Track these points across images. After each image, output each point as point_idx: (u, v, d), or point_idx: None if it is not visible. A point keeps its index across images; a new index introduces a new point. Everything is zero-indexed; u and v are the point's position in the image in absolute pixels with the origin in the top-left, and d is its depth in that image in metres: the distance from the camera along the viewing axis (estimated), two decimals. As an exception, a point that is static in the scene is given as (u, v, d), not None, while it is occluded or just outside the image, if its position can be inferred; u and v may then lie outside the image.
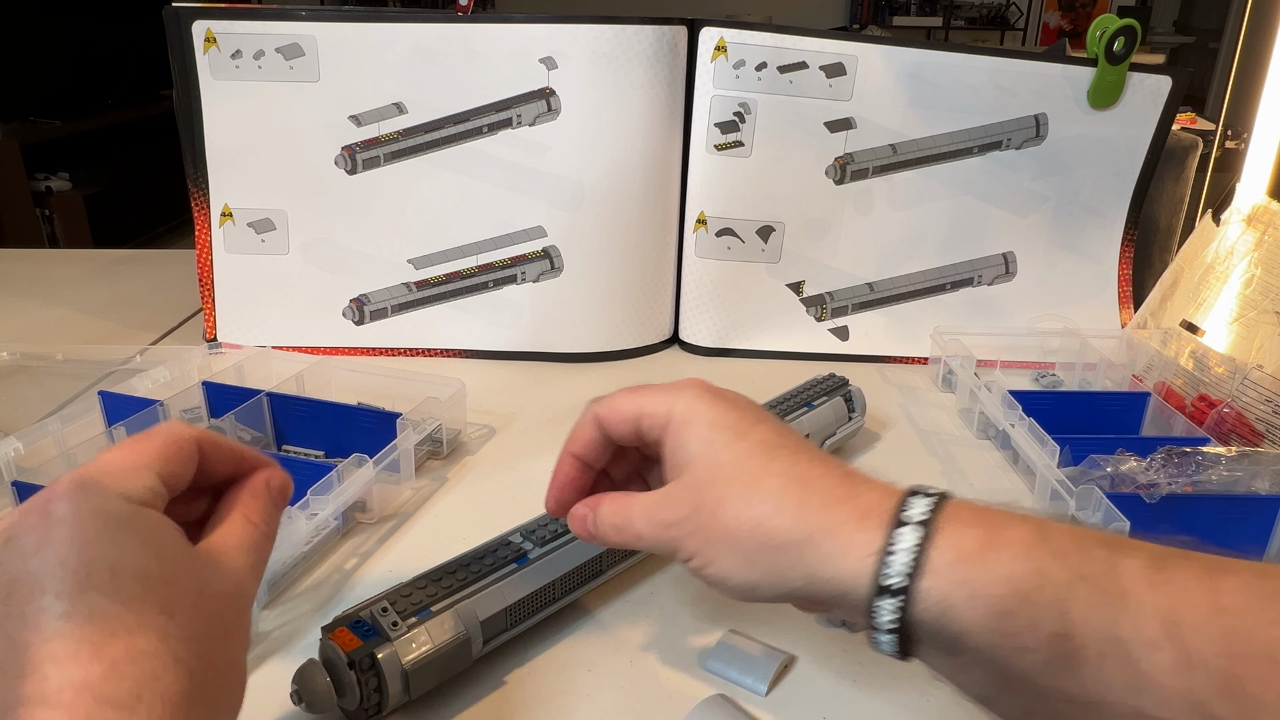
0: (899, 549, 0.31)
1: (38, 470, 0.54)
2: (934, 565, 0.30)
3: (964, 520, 0.31)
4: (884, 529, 0.31)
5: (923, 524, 0.31)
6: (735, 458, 0.35)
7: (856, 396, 0.65)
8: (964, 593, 0.30)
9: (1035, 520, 0.31)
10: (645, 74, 0.76)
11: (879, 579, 0.31)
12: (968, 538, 0.31)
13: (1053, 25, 5.37)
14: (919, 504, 0.32)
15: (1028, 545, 0.30)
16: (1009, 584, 0.29)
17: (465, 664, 0.42)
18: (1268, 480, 0.54)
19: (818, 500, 0.33)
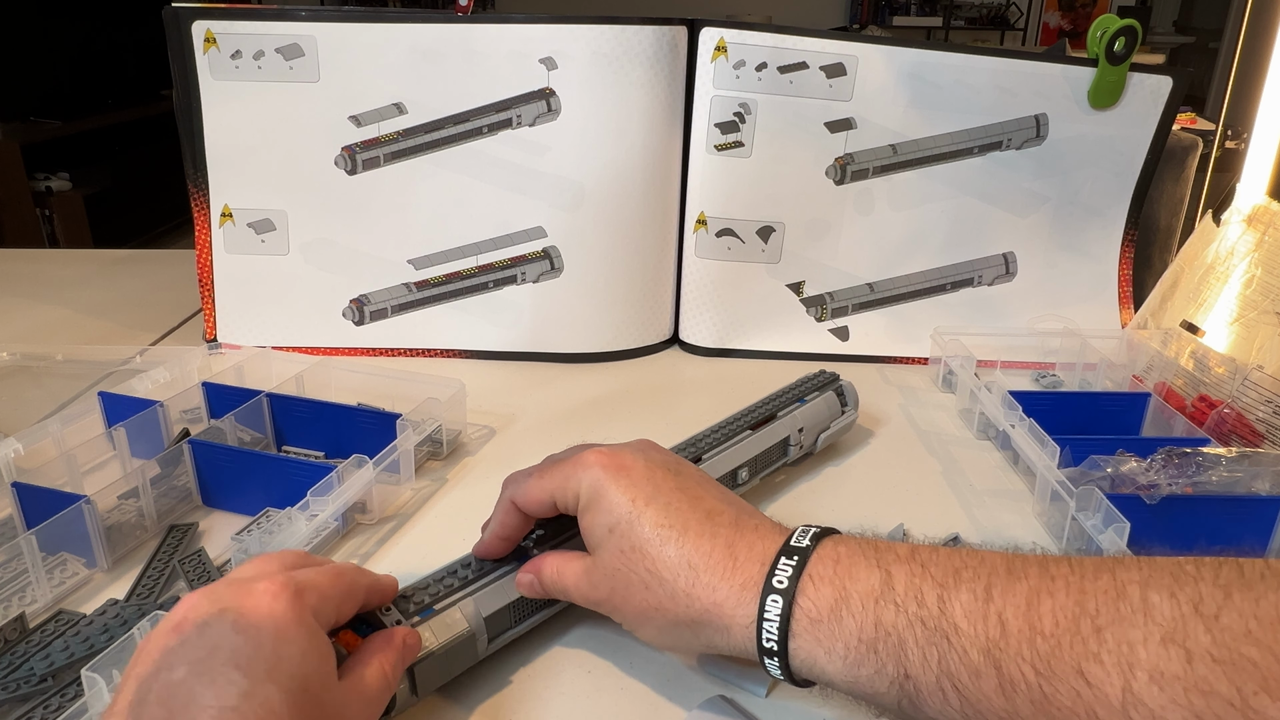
0: (768, 618, 0.36)
1: (38, 471, 0.54)
2: (795, 630, 0.35)
3: (821, 580, 0.36)
4: (757, 599, 0.36)
5: (782, 593, 0.36)
6: (634, 544, 0.39)
7: (848, 391, 0.65)
8: (821, 650, 0.35)
9: (887, 565, 0.35)
10: (645, 74, 0.76)
11: (761, 643, 0.36)
12: (821, 599, 0.35)
13: (1053, 25, 5.37)
14: (783, 570, 0.36)
15: (873, 599, 0.34)
16: (855, 638, 0.34)
17: (471, 661, 0.42)
18: (1268, 481, 0.54)
19: (704, 582, 0.37)
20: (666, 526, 0.39)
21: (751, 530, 0.39)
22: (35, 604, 0.48)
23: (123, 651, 0.38)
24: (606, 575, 0.40)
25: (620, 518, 0.40)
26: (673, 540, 0.38)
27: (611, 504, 0.40)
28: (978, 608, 0.32)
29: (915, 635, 0.33)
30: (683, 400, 0.76)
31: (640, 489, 0.40)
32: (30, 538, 0.47)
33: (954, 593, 0.33)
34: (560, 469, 0.42)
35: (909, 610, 0.33)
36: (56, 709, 0.41)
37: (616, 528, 0.40)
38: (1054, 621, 0.31)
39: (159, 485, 0.56)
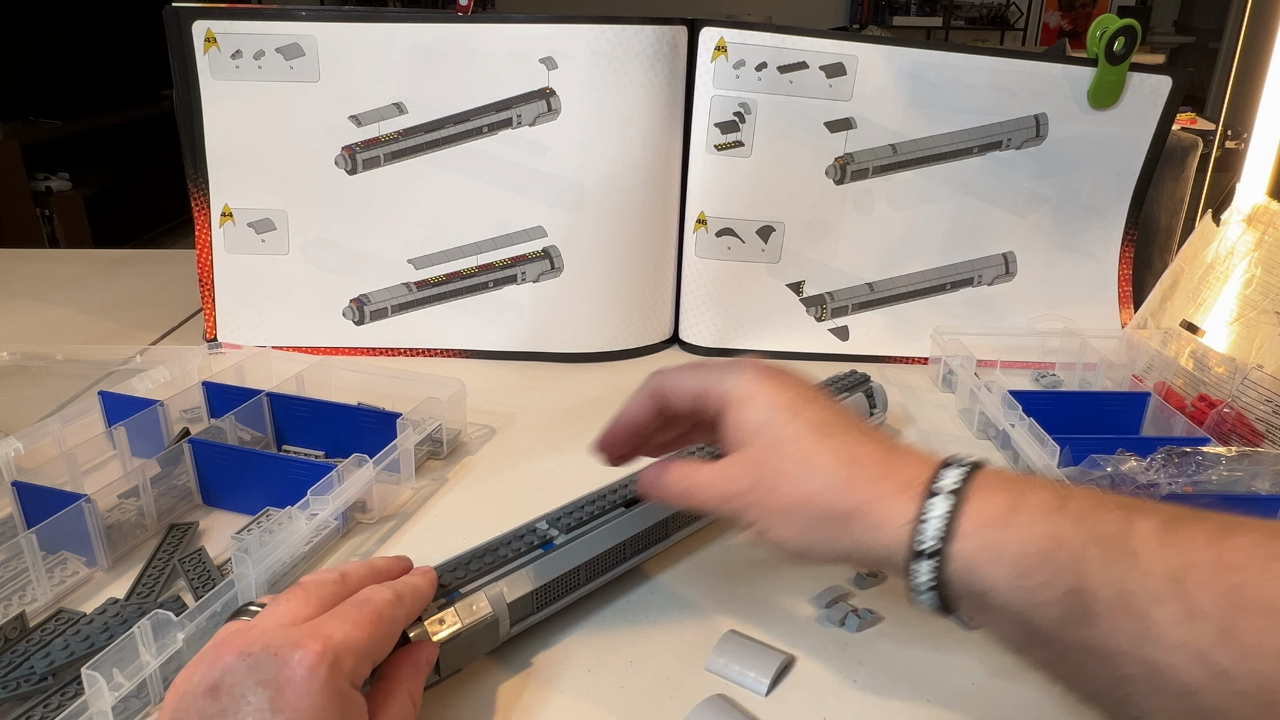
0: (931, 517, 0.34)
1: (38, 470, 0.54)
2: (962, 530, 0.34)
3: (991, 487, 0.35)
4: (919, 499, 0.35)
5: (953, 493, 0.35)
6: (790, 436, 0.38)
7: (878, 393, 0.65)
8: (989, 554, 0.33)
9: (1058, 486, 0.34)
10: (645, 74, 0.76)
11: (914, 544, 0.35)
12: (993, 504, 0.34)
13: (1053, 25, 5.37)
14: (951, 474, 0.35)
15: (1048, 509, 0.33)
16: (1028, 545, 0.32)
17: (493, 644, 0.44)
18: (1268, 480, 0.54)
19: (863, 476, 0.37)
20: (825, 424, 0.38)
21: (907, 446, 0.39)
22: (35, 603, 0.48)
23: (123, 650, 0.38)
24: (751, 468, 0.39)
25: (775, 413, 0.39)
26: (833, 435, 0.38)
27: (767, 401, 0.39)
28: (1162, 536, 0.31)
29: (1094, 553, 0.32)
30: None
31: (796, 392, 0.40)
32: (30, 537, 0.47)
33: (1137, 517, 0.32)
34: (712, 368, 0.42)
35: (1089, 527, 0.32)
36: (57, 708, 0.41)
37: (770, 422, 0.39)
38: (1245, 556, 0.30)
39: (159, 484, 0.56)
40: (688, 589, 0.51)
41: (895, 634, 0.47)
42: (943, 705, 0.42)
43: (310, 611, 0.35)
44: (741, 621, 0.47)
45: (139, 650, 0.39)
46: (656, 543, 0.51)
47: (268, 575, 0.47)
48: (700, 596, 0.50)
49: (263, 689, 0.31)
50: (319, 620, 0.34)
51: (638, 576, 0.51)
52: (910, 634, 0.47)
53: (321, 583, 0.37)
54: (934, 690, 0.43)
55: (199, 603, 0.42)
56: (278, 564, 0.47)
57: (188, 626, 0.41)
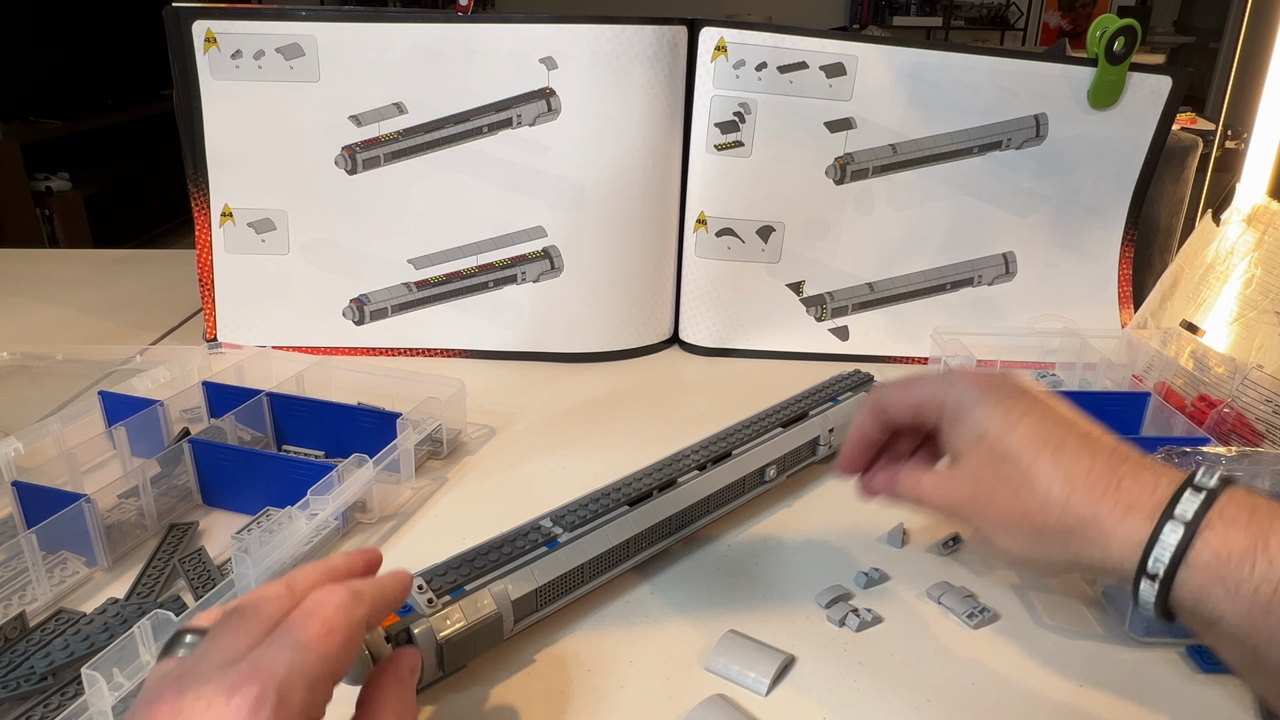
0: (1163, 544, 0.34)
1: (38, 470, 0.54)
2: (1194, 561, 0.34)
3: (1231, 521, 0.34)
4: (1150, 523, 0.35)
5: (1192, 521, 0.34)
6: (1007, 450, 0.38)
7: None
8: (1222, 588, 0.33)
9: None
10: (645, 74, 0.76)
11: (1143, 567, 0.35)
12: (1232, 540, 0.34)
13: (1053, 25, 5.37)
14: (1191, 500, 0.35)
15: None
16: (1268, 587, 0.33)
17: (497, 641, 0.44)
18: (1268, 480, 0.54)
19: (1081, 495, 0.36)
20: (1042, 439, 0.38)
21: (1135, 460, 0.38)
22: (35, 602, 0.48)
23: (123, 650, 0.38)
24: (969, 479, 0.40)
25: (991, 426, 0.39)
26: (1049, 452, 0.38)
27: (983, 414, 0.40)
28: None
29: None
30: (683, 400, 0.76)
31: (1014, 403, 0.39)
32: (30, 536, 0.47)
33: None
34: (928, 381, 0.42)
35: None
36: (56, 707, 0.41)
37: (986, 436, 0.39)
38: None
39: (159, 484, 0.56)
40: (688, 589, 0.51)
41: (895, 634, 0.47)
42: (943, 705, 0.42)
43: (251, 640, 0.30)
44: (741, 621, 0.47)
45: (139, 650, 0.39)
46: (659, 541, 0.51)
47: (268, 575, 0.47)
48: (700, 596, 0.50)
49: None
50: (257, 653, 0.29)
51: (638, 576, 0.51)
52: (910, 634, 0.47)
53: (263, 600, 0.32)
54: (934, 690, 0.43)
55: (199, 603, 0.42)
56: (278, 564, 0.47)
57: (188, 626, 0.41)
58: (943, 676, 0.44)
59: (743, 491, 0.56)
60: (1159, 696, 0.43)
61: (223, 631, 0.31)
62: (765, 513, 0.58)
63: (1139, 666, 0.45)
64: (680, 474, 0.53)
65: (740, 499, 0.57)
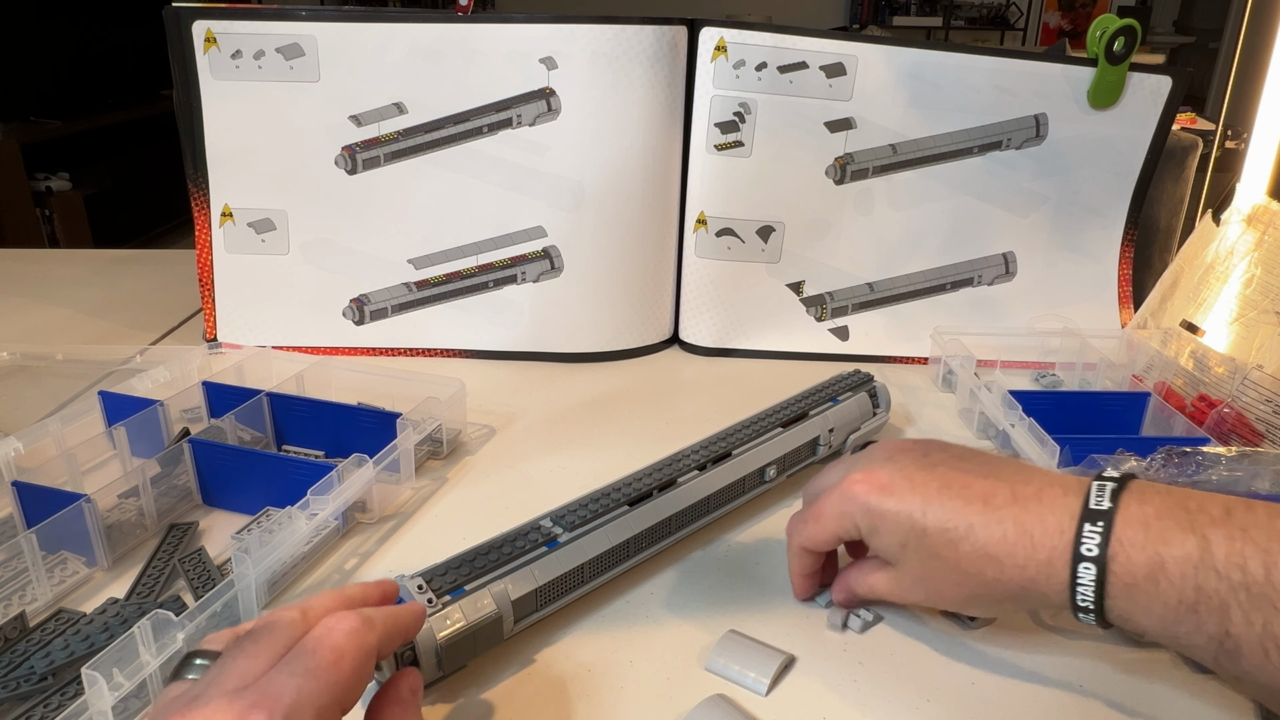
0: (1081, 584, 0.37)
1: (38, 470, 0.54)
2: (1111, 593, 0.37)
3: (1132, 544, 0.36)
4: (1068, 569, 0.38)
5: (1095, 560, 0.37)
6: (932, 551, 0.41)
7: (881, 393, 0.66)
8: (1138, 609, 0.36)
9: (1202, 529, 0.36)
10: (645, 74, 0.76)
11: (1075, 605, 0.38)
12: (1135, 566, 0.36)
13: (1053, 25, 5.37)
14: (1090, 537, 0.37)
15: (1191, 566, 0.35)
16: (1174, 600, 0.35)
17: (497, 641, 0.44)
18: (1268, 480, 0.54)
19: (1010, 566, 0.39)
20: (951, 529, 0.41)
21: (1034, 501, 0.40)
22: (35, 602, 0.48)
23: (123, 650, 0.38)
24: (916, 582, 0.43)
25: (906, 534, 0.42)
26: (964, 539, 0.40)
27: (892, 525, 0.42)
28: None
29: (1239, 600, 0.34)
30: (683, 400, 0.76)
31: (910, 502, 0.42)
32: (30, 536, 0.47)
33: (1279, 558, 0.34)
34: (830, 506, 0.45)
35: (1232, 578, 0.34)
36: (56, 707, 0.41)
37: (907, 543, 0.42)
38: None
39: (159, 484, 0.56)
40: (688, 589, 0.51)
41: (895, 634, 0.47)
42: (943, 705, 0.42)
43: (261, 666, 0.30)
44: (741, 621, 0.47)
45: (139, 650, 0.39)
46: (659, 541, 0.51)
47: (268, 575, 0.47)
48: (700, 596, 0.50)
49: None
50: (266, 679, 0.29)
51: (638, 576, 0.51)
52: (910, 634, 0.47)
53: (276, 625, 0.32)
54: (934, 690, 0.43)
55: (199, 603, 0.42)
56: (278, 564, 0.47)
57: (188, 626, 0.41)
58: (943, 676, 0.44)
59: (743, 491, 0.56)
60: (1158, 696, 0.43)
61: (234, 656, 0.31)
62: (765, 513, 0.58)
63: (1139, 666, 0.45)
64: (680, 474, 0.53)
65: (740, 499, 0.57)
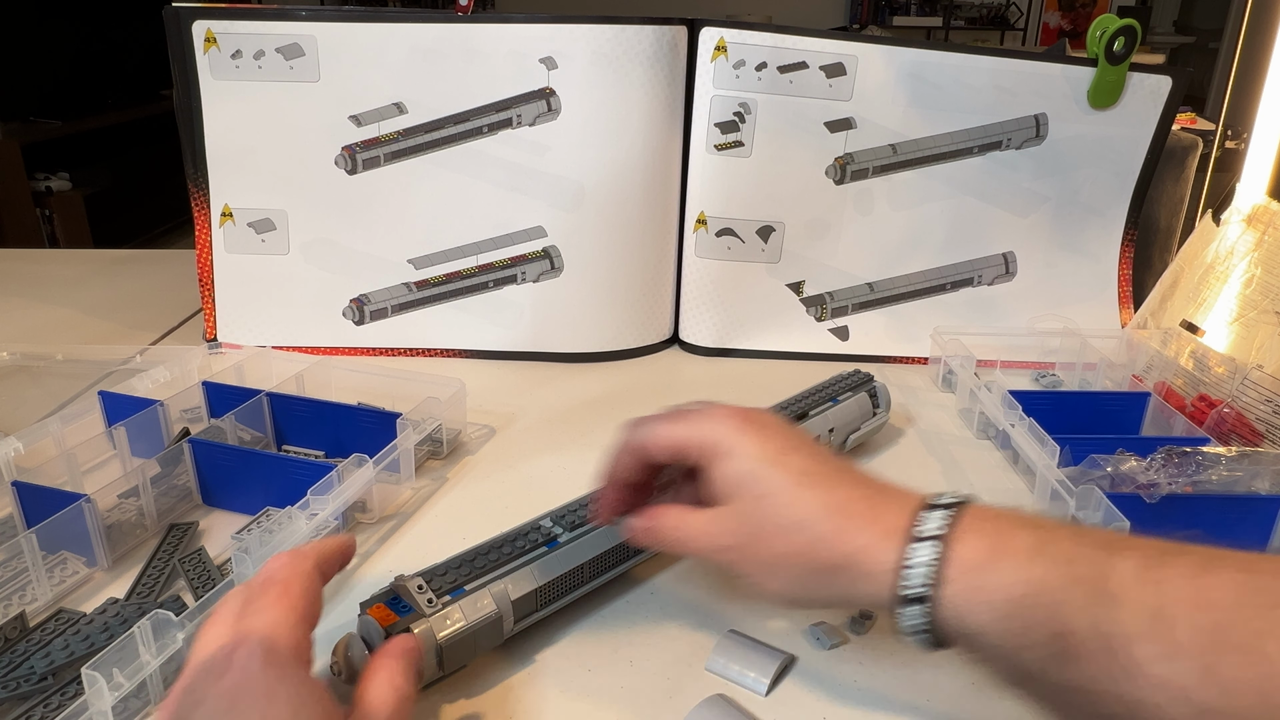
0: (916, 563, 0.35)
1: (38, 470, 0.54)
2: (948, 576, 0.35)
3: (974, 531, 0.35)
4: (903, 545, 0.36)
5: (938, 538, 0.35)
6: (775, 489, 0.38)
7: (881, 392, 0.66)
8: (974, 599, 0.34)
9: (1041, 527, 0.35)
10: (645, 74, 0.76)
11: (901, 590, 0.35)
12: (977, 549, 0.35)
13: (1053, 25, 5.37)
14: (934, 518, 0.36)
15: (1031, 553, 0.34)
16: (1012, 590, 0.33)
17: (497, 641, 0.44)
18: (1268, 480, 0.54)
19: (849, 526, 0.37)
20: (808, 473, 0.38)
21: (891, 487, 0.39)
22: (35, 602, 0.48)
23: (123, 650, 0.38)
24: (739, 522, 0.39)
25: (758, 465, 0.39)
26: (815, 485, 0.38)
27: (749, 452, 0.39)
28: (1142, 574, 0.32)
29: (1075, 595, 0.32)
30: (683, 400, 0.76)
31: (776, 440, 0.40)
32: (30, 536, 0.47)
33: (1117, 557, 0.33)
34: (689, 416, 0.41)
35: (1070, 571, 0.33)
36: (56, 708, 0.41)
37: (754, 473, 0.39)
38: (1223, 594, 0.31)
39: (159, 484, 0.56)
40: (688, 589, 0.51)
41: (895, 634, 0.47)
42: (942, 706, 0.42)
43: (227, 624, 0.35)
44: (741, 621, 0.47)
45: (139, 650, 0.39)
46: None
47: (268, 575, 0.47)
48: (700, 596, 0.50)
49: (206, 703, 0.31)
50: (237, 627, 0.34)
51: (638, 576, 0.51)
52: (910, 634, 0.47)
53: (228, 597, 0.37)
54: (933, 691, 0.43)
55: (199, 603, 0.42)
56: (278, 564, 0.47)
57: (188, 626, 0.41)
58: (943, 676, 0.44)
59: (743, 491, 0.56)
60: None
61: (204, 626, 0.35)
62: (765, 513, 0.58)
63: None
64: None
65: (740, 499, 0.57)
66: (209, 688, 0.32)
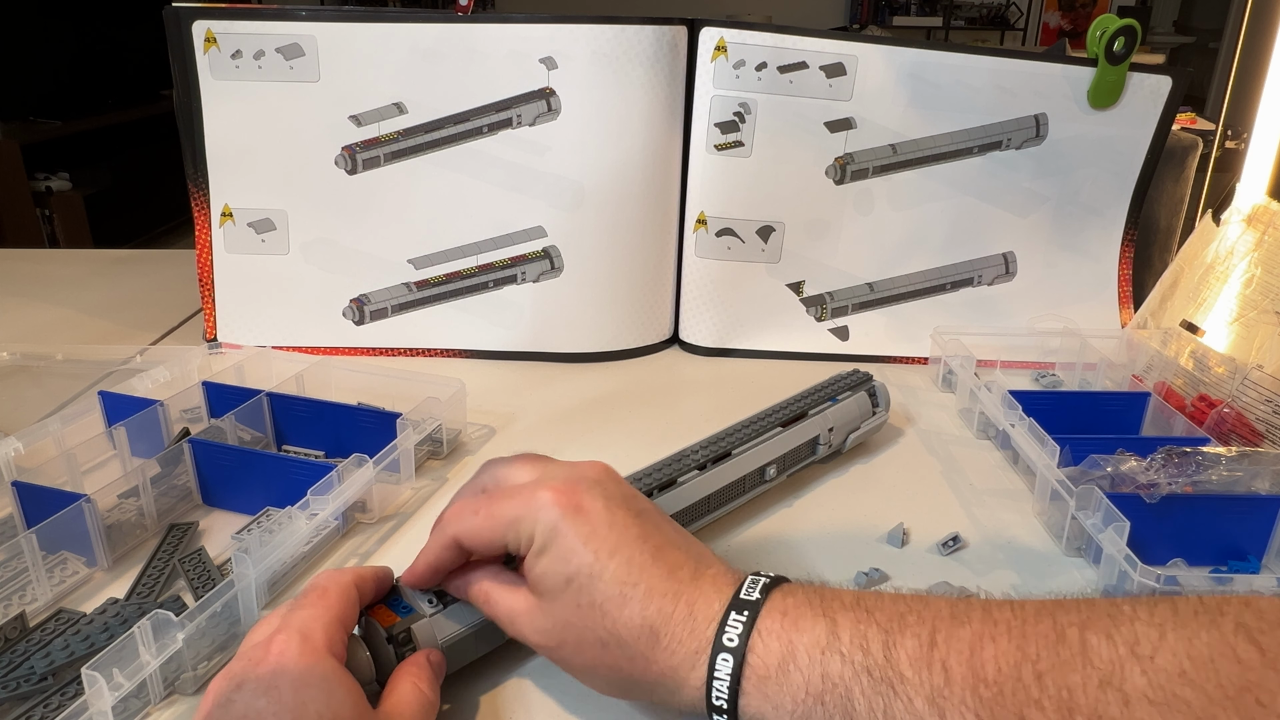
0: (718, 678, 0.35)
1: (38, 470, 0.54)
2: (745, 688, 0.35)
3: (769, 634, 0.36)
4: (708, 661, 0.36)
5: (735, 650, 0.36)
6: (594, 602, 0.37)
7: (881, 392, 0.66)
8: (769, 706, 0.35)
9: (833, 613, 0.35)
10: (645, 74, 0.76)
11: (710, 703, 0.36)
12: (770, 655, 0.35)
13: (1053, 25, 5.37)
14: (733, 627, 0.36)
15: (820, 650, 0.35)
16: (801, 692, 0.34)
17: (497, 642, 0.44)
18: (1268, 480, 0.54)
19: (663, 646, 0.37)
20: (630, 584, 0.37)
21: (709, 583, 0.38)
22: (35, 603, 0.48)
23: (123, 650, 0.38)
24: (559, 627, 0.38)
25: (580, 569, 0.37)
26: (636, 600, 0.37)
27: (571, 553, 0.38)
28: (922, 654, 0.33)
29: (861, 685, 0.33)
30: (683, 400, 0.76)
31: (603, 539, 0.38)
32: (30, 536, 0.47)
33: (899, 639, 0.34)
34: (509, 508, 0.40)
35: (855, 660, 0.34)
36: (57, 708, 0.41)
37: (575, 579, 0.37)
38: (996, 668, 0.32)
39: (159, 484, 0.56)
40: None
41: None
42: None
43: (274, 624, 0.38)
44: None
45: (139, 650, 0.39)
46: None
47: (268, 575, 0.47)
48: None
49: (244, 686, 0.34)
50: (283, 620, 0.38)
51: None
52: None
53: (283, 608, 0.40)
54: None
55: (199, 603, 0.42)
56: (278, 564, 0.47)
57: (188, 626, 0.41)
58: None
59: (743, 491, 0.56)
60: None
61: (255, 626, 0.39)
62: (765, 513, 0.58)
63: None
64: (680, 474, 0.53)
65: (740, 499, 0.57)
66: (248, 673, 0.35)
